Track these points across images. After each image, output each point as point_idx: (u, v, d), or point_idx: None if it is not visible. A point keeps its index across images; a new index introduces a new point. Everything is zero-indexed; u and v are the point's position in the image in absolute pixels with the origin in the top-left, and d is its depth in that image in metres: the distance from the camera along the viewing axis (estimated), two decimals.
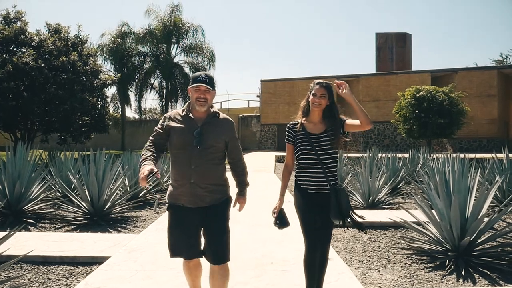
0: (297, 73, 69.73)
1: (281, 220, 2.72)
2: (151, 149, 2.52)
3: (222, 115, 2.60)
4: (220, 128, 2.52)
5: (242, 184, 2.71)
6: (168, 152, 2.63)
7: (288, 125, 2.82)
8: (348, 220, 2.59)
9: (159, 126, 2.58)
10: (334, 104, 2.70)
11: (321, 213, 2.61)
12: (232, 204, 2.62)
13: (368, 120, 2.53)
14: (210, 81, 2.47)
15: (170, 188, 2.52)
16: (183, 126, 2.47)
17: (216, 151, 2.47)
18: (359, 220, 2.65)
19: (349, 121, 2.68)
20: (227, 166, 2.65)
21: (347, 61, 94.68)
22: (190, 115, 2.50)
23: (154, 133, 2.58)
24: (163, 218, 5.70)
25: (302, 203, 2.66)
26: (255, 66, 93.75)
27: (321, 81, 2.73)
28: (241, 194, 2.72)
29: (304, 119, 2.75)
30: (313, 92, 2.68)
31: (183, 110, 2.55)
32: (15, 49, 13.52)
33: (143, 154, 2.49)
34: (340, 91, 2.58)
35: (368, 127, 2.55)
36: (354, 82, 25.96)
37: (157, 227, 5.19)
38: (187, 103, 2.59)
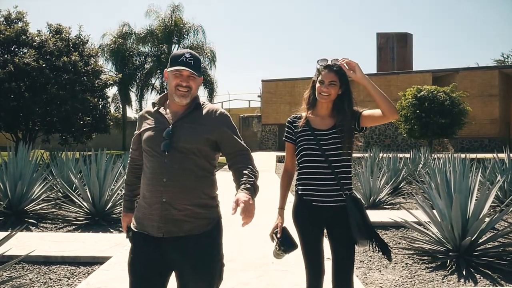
0: (298, 73, 69.69)
1: (286, 242, 2.08)
2: (131, 177, 2.01)
3: (209, 107, 1.90)
4: (202, 123, 1.81)
5: (244, 177, 1.75)
6: None
7: (288, 119, 2.24)
8: (374, 240, 2.01)
9: (136, 132, 1.95)
10: (349, 92, 2.12)
11: (333, 235, 2.05)
12: (232, 209, 1.59)
13: (392, 108, 1.95)
14: (196, 63, 1.82)
15: (137, 207, 1.88)
16: (153, 125, 1.84)
17: (198, 157, 1.77)
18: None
19: (366, 112, 2.08)
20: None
21: None
22: (162, 110, 1.87)
23: (131, 145, 2.00)
24: None
25: (303, 219, 2.09)
26: (256, 66, 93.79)
27: (329, 63, 2.09)
28: (244, 188, 1.69)
29: (309, 112, 2.17)
30: (319, 78, 2.08)
31: (153, 104, 1.92)
32: (16, 49, 13.55)
33: (125, 183, 2.06)
34: (349, 72, 2.04)
35: (393, 117, 1.97)
36: (355, 82, 25.84)
37: None
38: (162, 94, 1.96)
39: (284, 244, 2.08)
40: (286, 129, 2.24)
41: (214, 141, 1.83)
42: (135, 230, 1.83)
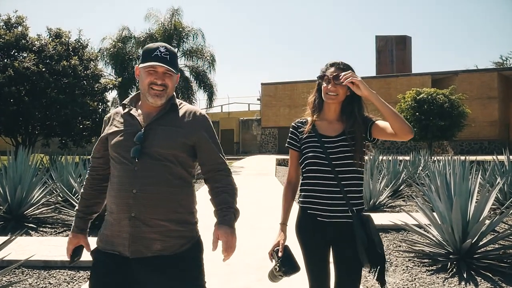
0: (297, 76, 69.76)
1: (287, 263, 1.84)
2: (89, 189, 1.75)
3: (186, 107, 1.69)
4: (179, 126, 1.61)
5: (224, 205, 1.58)
6: None
7: (292, 124, 2.04)
8: (378, 265, 1.76)
9: (102, 135, 1.72)
10: (358, 95, 1.86)
11: (338, 254, 1.86)
12: (213, 244, 1.51)
13: (405, 128, 1.71)
14: (172, 58, 1.62)
15: (104, 223, 1.65)
16: (122, 128, 1.62)
17: (173, 165, 1.56)
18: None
19: (380, 123, 1.86)
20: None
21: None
22: (133, 111, 1.64)
23: (93, 151, 1.76)
24: None
25: (308, 235, 1.90)
26: (256, 69, 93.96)
27: (336, 61, 1.90)
28: (224, 220, 1.54)
29: (315, 116, 1.96)
30: (325, 77, 1.88)
31: (123, 105, 1.70)
32: (16, 54, 13.58)
33: (81, 196, 1.79)
34: (354, 89, 1.79)
35: (406, 137, 1.73)
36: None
37: None
38: (134, 94, 1.76)
39: (285, 264, 1.83)
40: (289, 135, 2.02)
41: (192, 146, 1.62)
42: (102, 248, 1.60)
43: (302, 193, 1.94)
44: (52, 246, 4.30)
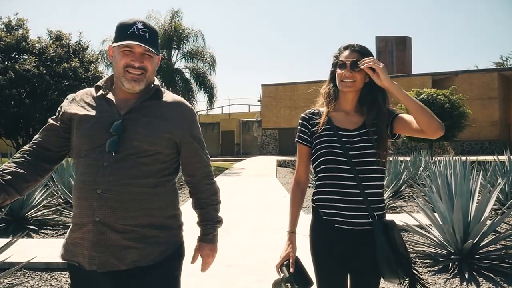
0: (297, 77, 69.85)
1: (301, 279, 1.59)
2: (19, 159, 1.39)
3: (172, 97, 1.48)
4: (164, 118, 1.40)
5: (209, 221, 1.51)
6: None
7: (303, 115, 1.75)
8: (405, 276, 1.53)
9: (61, 114, 1.46)
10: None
11: (355, 265, 1.61)
12: (193, 258, 1.55)
13: (434, 123, 1.49)
14: (152, 36, 1.39)
15: (70, 229, 1.42)
16: (93, 114, 1.37)
17: (152, 161, 1.36)
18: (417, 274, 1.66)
19: (405, 116, 1.62)
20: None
21: None
22: (110, 96, 1.41)
23: (42, 128, 1.49)
24: None
25: (324, 246, 1.63)
26: (256, 71, 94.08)
27: (351, 43, 1.66)
28: (207, 238, 1.51)
29: (329, 106, 1.69)
30: (339, 62, 1.62)
31: (97, 88, 1.45)
32: (17, 56, 13.61)
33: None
34: (373, 77, 1.55)
35: (435, 134, 1.51)
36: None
37: None
38: (108, 77, 1.50)
39: (298, 281, 1.56)
40: (299, 127, 1.74)
41: (176, 143, 1.42)
42: (69, 260, 1.38)
43: (317, 196, 1.67)
44: (53, 248, 4.30)
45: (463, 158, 6.31)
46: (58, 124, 1.45)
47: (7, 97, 12.22)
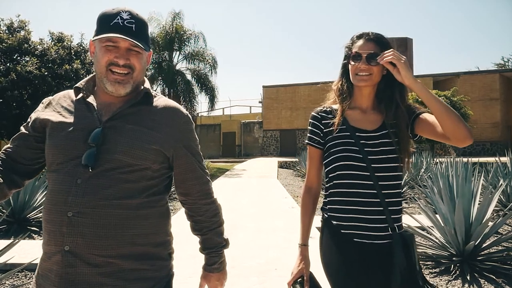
0: (299, 79, 69.84)
1: None
2: None
3: (165, 102, 1.26)
4: (154, 127, 1.17)
5: (213, 248, 1.30)
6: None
7: (313, 113, 1.56)
8: None
9: (34, 119, 1.25)
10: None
11: (369, 281, 1.39)
12: (199, 286, 1.33)
13: (461, 129, 1.29)
14: (140, 28, 1.17)
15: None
16: (70, 121, 1.15)
17: (137, 178, 1.13)
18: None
19: (429, 117, 1.42)
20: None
21: None
22: (91, 99, 1.19)
23: (13, 137, 1.28)
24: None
25: (341, 263, 1.41)
26: (257, 72, 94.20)
27: (365, 31, 1.47)
28: (213, 268, 1.30)
29: (344, 104, 1.50)
30: (354, 53, 1.43)
31: (77, 90, 1.23)
32: (18, 58, 13.68)
33: None
34: (393, 71, 1.37)
35: (463, 142, 1.31)
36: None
37: None
38: (90, 76, 1.31)
39: None
40: (310, 128, 1.54)
41: (167, 157, 1.20)
42: None
43: (331, 206, 1.46)
44: None
45: (465, 159, 6.31)
46: (29, 133, 1.22)
47: (9, 99, 12.26)
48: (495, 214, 5.81)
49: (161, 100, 1.26)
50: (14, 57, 13.56)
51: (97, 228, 1.07)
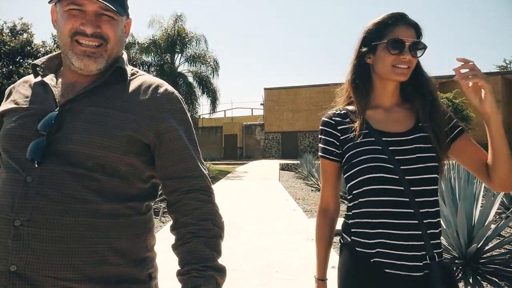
0: (300, 81, 69.93)
1: None
2: None
3: (143, 78, 1.00)
4: (124, 108, 0.92)
5: (195, 262, 0.88)
6: None
7: (325, 118, 1.24)
8: None
9: None
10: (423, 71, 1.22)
11: None
12: None
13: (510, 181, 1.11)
14: None
15: None
16: (23, 106, 0.94)
17: (107, 176, 0.88)
18: None
19: (469, 142, 1.22)
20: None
21: None
22: (48, 79, 0.96)
23: None
24: (168, 228, 5.70)
25: None
26: (259, 74, 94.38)
27: (400, 11, 1.19)
28: None
29: (363, 103, 1.20)
30: (392, 39, 1.13)
31: (35, 68, 1.00)
32: (21, 60, 13.75)
33: None
34: (471, 97, 1.18)
35: (504, 189, 1.17)
36: None
37: (163, 236, 5.19)
38: (56, 53, 1.04)
39: None
40: (323, 137, 1.23)
41: (147, 145, 0.93)
42: None
43: (354, 229, 1.17)
44: None
45: None
46: None
47: None
48: (497, 217, 5.79)
49: (141, 78, 1.00)
50: (17, 60, 13.63)
51: (54, 242, 0.80)
